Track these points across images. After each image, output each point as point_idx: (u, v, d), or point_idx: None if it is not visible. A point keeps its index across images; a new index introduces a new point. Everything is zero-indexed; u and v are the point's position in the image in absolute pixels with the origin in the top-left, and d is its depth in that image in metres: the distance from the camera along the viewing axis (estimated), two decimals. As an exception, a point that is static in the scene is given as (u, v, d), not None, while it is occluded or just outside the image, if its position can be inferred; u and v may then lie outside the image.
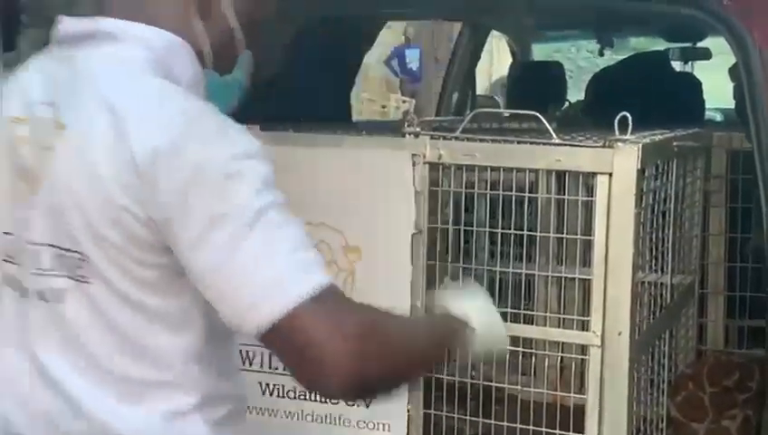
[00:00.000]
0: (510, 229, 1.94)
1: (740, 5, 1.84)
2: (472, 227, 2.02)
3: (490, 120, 2.25)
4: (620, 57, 3.71)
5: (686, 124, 2.19)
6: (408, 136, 1.90)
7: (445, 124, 2.10)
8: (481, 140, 1.84)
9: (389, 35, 10.47)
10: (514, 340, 1.75)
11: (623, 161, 1.62)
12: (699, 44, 4.30)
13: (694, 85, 3.44)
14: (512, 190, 1.88)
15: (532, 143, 1.79)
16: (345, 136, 2.05)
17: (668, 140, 1.87)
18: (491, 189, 1.97)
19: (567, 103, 3.68)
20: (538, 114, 1.80)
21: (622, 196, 1.63)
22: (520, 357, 1.92)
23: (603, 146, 1.66)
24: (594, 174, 1.67)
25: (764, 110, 1.75)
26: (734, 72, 2.64)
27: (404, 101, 11.16)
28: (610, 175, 1.63)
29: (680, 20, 2.04)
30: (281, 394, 2.01)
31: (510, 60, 4.47)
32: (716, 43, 4.23)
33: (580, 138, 1.76)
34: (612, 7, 2.42)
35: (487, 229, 1.97)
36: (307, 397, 1.99)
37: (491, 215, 1.98)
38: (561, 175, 1.81)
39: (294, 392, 1.99)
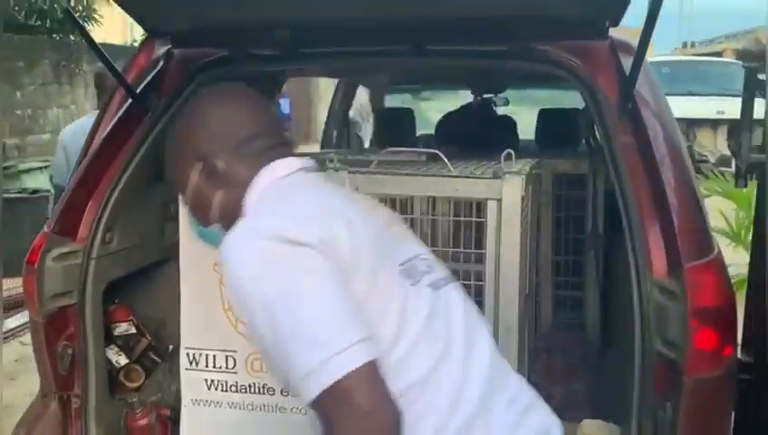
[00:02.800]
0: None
1: (588, 65, 1.90)
2: None
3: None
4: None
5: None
6: (329, 170, 1.94)
7: (356, 159, 2.13)
8: (392, 174, 1.89)
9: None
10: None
11: (510, 189, 1.74)
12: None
13: (511, 123, 3.80)
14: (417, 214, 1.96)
15: (434, 175, 1.86)
16: None
17: (532, 169, 2.01)
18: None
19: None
20: (438, 152, 1.88)
21: (510, 217, 1.74)
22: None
23: (493, 177, 1.76)
24: (486, 200, 1.77)
25: (614, 142, 1.80)
26: (583, 113, 2.85)
27: None
28: (499, 200, 1.74)
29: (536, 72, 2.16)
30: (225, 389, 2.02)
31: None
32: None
33: (472, 169, 1.85)
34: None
35: None
36: (247, 390, 2.01)
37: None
38: (458, 200, 1.88)
39: (236, 387, 2.01)
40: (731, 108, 8.95)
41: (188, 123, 1.32)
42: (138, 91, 2.07)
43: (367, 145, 5.20)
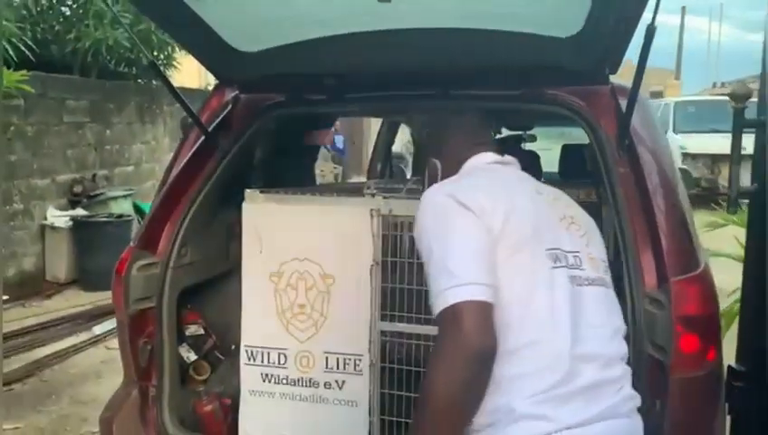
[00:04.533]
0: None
1: (591, 107, 2.00)
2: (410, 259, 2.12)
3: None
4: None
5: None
6: (366, 195, 2.11)
7: (388, 186, 2.27)
8: (419, 198, 2.01)
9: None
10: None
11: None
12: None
13: (535, 157, 3.97)
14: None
15: None
16: (325, 197, 2.22)
17: None
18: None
19: None
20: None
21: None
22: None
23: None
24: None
25: (613, 173, 1.89)
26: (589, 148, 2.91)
27: (335, 168, 12.90)
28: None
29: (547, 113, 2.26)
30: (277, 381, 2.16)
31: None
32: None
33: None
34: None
35: (415, 260, 2.03)
36: (295, 384, 2.15)
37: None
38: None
39: (286, 380, 2.14)
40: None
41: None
42: (209, 129, 2.26)
43: (409, 176, 5.35)
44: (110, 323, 4.98)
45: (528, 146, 4.65)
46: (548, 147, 4.69)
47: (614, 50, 1.85)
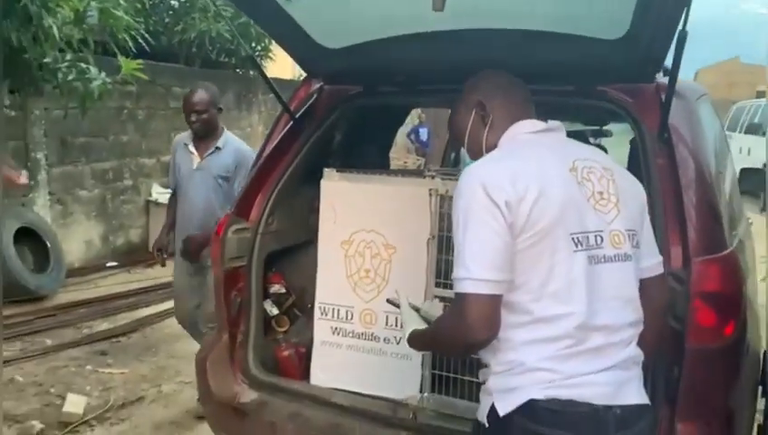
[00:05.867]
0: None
1: (636, 103, 2.14)
2: None
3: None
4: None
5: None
6: (427, 177, 2.36)
7: (448, 170, 2.52)
8: None
9: (409, 118, 11.68)
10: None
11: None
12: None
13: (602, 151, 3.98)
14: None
15: None
16: (391, 177, 2.50)
17: None
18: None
19: None
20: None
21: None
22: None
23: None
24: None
25: (651, 163, 2.02)
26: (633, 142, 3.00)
27: (417, 159, 13.13)
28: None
29: (597, 111, 2.39)
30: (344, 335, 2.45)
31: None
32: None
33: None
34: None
35: None
36: (360, 337, 2.44)
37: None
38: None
39: (352, 334, 2.44)
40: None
41: (471, 86, 1.72)
42: (297, 115, 2.58)
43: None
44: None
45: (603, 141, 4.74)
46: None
47: (656, 50, 2.02)
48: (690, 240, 1.88)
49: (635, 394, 1.46)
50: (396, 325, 2.37)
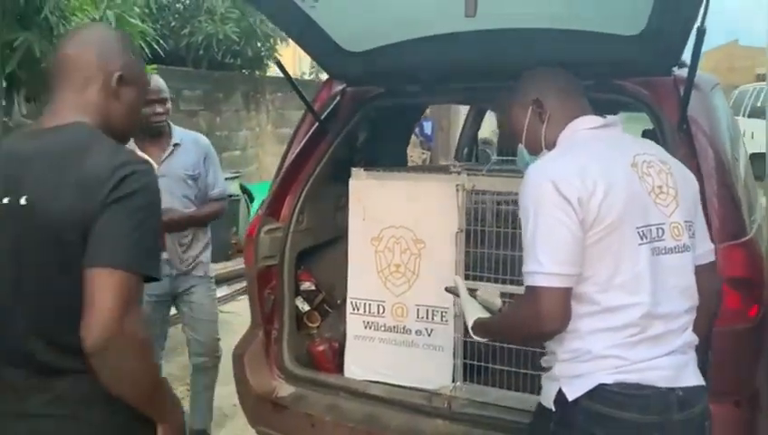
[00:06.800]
0: (509, 229, 2.34)
1: (654, 96, 2.19)
2: (490, 228, 2.43)
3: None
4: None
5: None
6: (453, 173, 2.43)
7: (473, 166, 2.59)
8: (500, 176, 2.34)
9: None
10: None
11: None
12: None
13: None
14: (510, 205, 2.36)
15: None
16: (418, 174, 2.57)
17: None
18: (497, 205, 2.44)
19: None
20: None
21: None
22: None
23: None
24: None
25: (672, 154, 1.88)
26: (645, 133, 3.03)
27: (423, 153, 13.19)
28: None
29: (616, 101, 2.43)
30: (377, 328, 2.53)
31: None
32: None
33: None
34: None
35: (496, 229, 2.37)
36: (391, 330, 2.51)
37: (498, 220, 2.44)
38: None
39: (384, 327, 2.51)
40: None
41: (527, 84, 1.74)
42: (322, 117, 2.65)
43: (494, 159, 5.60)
44: (228, 289, 5.50)
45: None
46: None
47: (674, 45, 2.08)
48: (714, 228, 1.93)
49: (693, 376, 1.53)
50: (427, 318, 2.44)
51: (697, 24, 1.85)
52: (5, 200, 1.30)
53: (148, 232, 1.27)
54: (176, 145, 3.01)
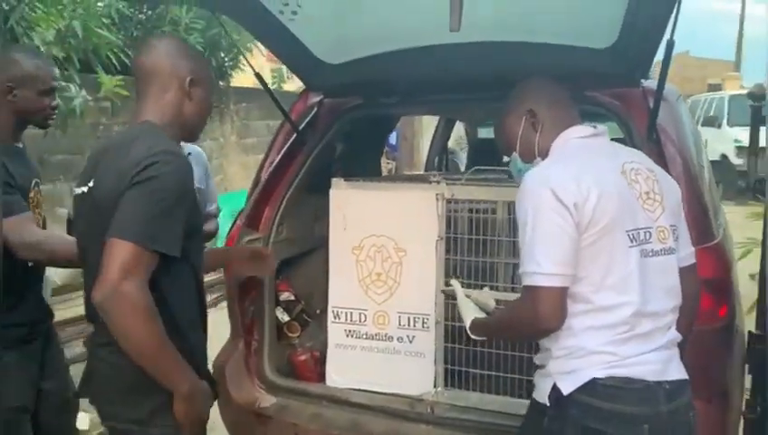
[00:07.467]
0: (487, 236, 2.43)
1: (625, 106, 2.25)
2: (467, 235, 2.48)
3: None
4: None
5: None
6: (432, 183, 2.47)
7: (452, 176, 2.63)
8: (477, 185, 2.40)
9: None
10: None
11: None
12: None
13: None
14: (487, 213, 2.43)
15: (502, 186, 2.35)
16: (398, 184, 2.60)
17: None
18: (475, 214, 2.47)
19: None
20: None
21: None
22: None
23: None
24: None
25: None
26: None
27: (388, 163, 13.38)
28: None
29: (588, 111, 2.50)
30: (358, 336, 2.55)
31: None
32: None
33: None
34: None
35: (473, 237, 2.44)
36: (373, 338, 2.53)
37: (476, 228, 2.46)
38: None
39: (366, 335, 2.53)
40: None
41: (520, 94, 1.80)
42: (300, 128, 2.67)
43: (462, 169, 5.70)
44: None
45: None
46: None
47: (644, 57, 2.18)
48: (684, 231, 2.02)
49: (678, 370, 1.62)
50: (409, 325, 2.48)
51: (666, 37, 1.94)
52: (83, 189, 1.63)
53: (162, 213, 1.46)
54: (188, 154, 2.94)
